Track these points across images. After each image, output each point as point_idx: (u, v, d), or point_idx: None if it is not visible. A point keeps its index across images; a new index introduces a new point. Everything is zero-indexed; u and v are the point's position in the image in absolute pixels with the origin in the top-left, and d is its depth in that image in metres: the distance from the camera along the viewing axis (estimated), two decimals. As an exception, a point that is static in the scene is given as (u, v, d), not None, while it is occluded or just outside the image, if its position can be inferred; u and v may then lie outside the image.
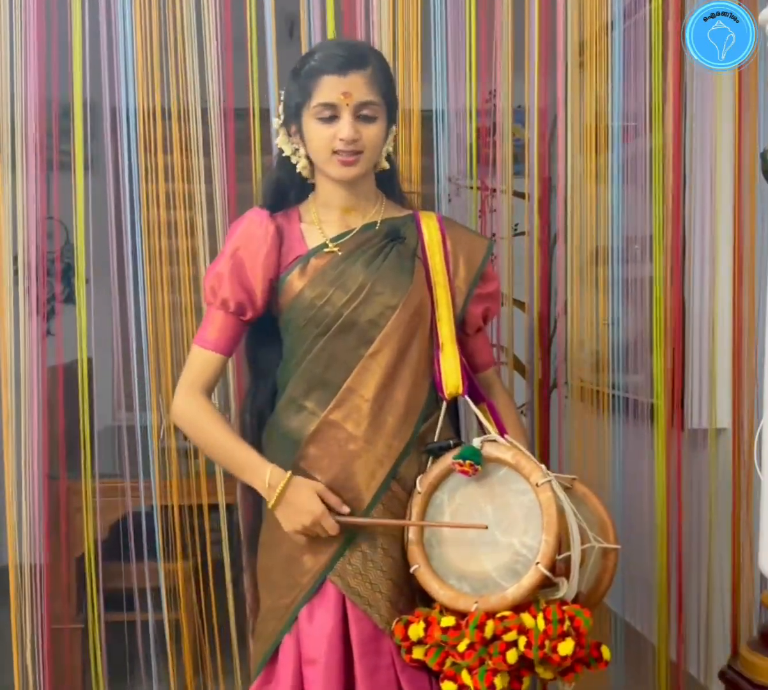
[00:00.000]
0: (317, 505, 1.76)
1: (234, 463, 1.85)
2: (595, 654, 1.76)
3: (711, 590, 2.61)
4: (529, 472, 1.75)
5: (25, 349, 2.35)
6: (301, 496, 1.77)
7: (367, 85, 1.81)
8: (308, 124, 1.83)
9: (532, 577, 1.69)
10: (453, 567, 1.78)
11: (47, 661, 2.43)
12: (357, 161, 1.82)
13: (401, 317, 1.85)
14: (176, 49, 2.34)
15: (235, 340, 1.92)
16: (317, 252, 1.88)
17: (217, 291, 1.87)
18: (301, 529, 1.78)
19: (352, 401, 1.83)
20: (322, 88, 1.80)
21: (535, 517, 1.72)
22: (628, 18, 2.56)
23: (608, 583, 1.83)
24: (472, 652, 1.68)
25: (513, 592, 1.70)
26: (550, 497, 1.71)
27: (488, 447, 1.80)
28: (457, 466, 1.77)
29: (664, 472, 2.56)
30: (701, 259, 2.60)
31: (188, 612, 2.57)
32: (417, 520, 1.81)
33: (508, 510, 1.76)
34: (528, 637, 1.66)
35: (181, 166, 2.39)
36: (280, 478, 1.78)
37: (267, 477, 1.79)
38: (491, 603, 1.70)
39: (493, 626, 1.67)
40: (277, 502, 1.78)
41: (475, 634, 1.67)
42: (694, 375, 2.61)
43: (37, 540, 2.39)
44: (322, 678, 1.77)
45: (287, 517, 1.79)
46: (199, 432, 1.88)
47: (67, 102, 2.36)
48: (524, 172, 2.55)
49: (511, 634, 1.66)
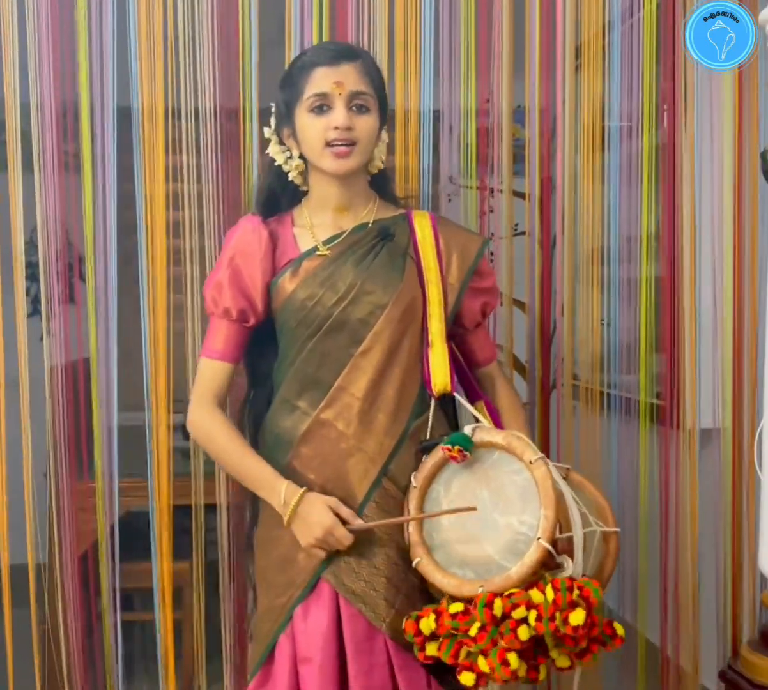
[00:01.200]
0: (327, 517, 1.77)
1: (249, 479, 1.86)
2: (609, 631, 1.75)
3: (709, 590, 2.61)
4: (522, 452, 1.76)
5: (25, 349, 2.35)
6: (313, 510, 1.78)
7: (358, 76, 1.83)
8: (301, 118, 1.84)
9: (534, 553, 1.69)
10: (455, 555, 1.78)
11: (47, 661, 2.43)
12: (351, 153, 1.83)
13: (391, 315, 1.85)
14: (176, 49, 2.34)
15: (241, 347, 1.93)
16: (308, 255, 1.89)
17: (218, 300, 1.89)
18: (314, 543, 1.78)
19: (342, 400, 1.84)
20: (314, 79, 1.82)
21: (531, 495, 1.73)
22: (629, 17, 2.56)
23: (611, 567, 1.84)
24: (485, 634, 1.67)
25: (517, 570, 1.70)
26: (545, 472, 1.72)
27: (479, 432, 1.81)
28: (446, 451, 1.78)
29: (646, 470, 2.58)
30: (702, 259, 2.60)
31: (188, 612, 2.57)
32: (415, 514, 1.80)
33: (504, 491, 1.77)
34: (538, 611, 1.65)
35: (181, 165, 2.39)
36: (294, 494, 1.79)
37: (282, 493, 1.79)
38: (496, 584, 1.70)
39: (501, 604, 1.66)
40: (292, 519, 1.79)
41: (485, 614, 1.66)
42: (694, 375, 2.61)
43: (38, 540, 2.39)
44: (317, 676, 1.78)
45: (302, 532, 1.79)
46: (213, 445, 1.89)
47: (69, 102, 2.36)
48: (524, 171, 2.55)
49: (520, 610, 1.65)
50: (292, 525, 1.80)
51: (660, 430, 2.60)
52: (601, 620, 1.73)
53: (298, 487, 1.80)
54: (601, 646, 1.75)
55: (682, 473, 2.57)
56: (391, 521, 1.81)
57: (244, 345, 1.94)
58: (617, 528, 1.83)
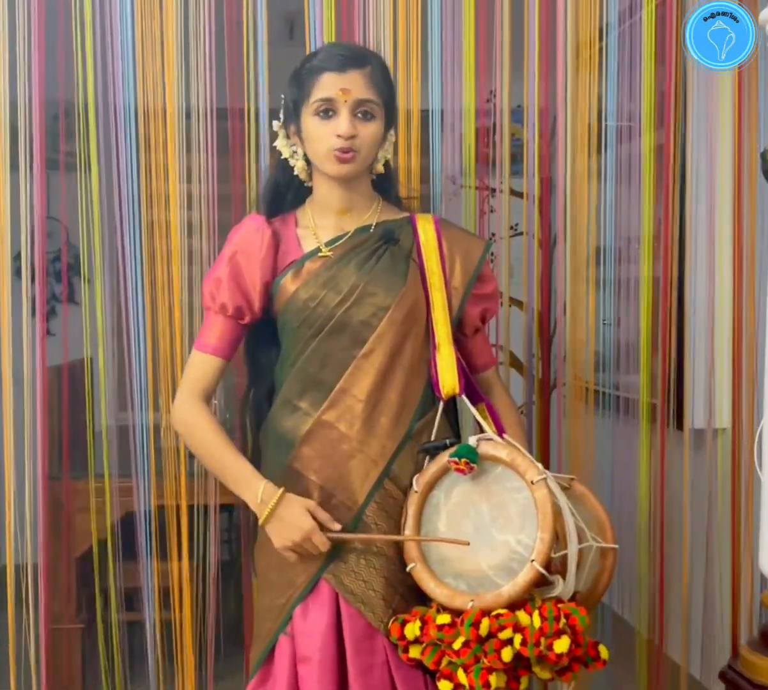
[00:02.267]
0: (307, 521, 1.77)
1: (228, 474, 1.85)
2: (593, 653, 1.76)
3: (709, 590, 2.61)
4: (525, 470, 1.75)
5: (25, 349, 2.35)
6: (292, 513, 1.78)
7: (365, 84, 1.82)
8: (307, 120, 1.85)
9: (527, 574, 1.69)
10: (449, 566, 1.78)
11: (47, 661, 2.43)
12: (353, 158, 1.83)
13: (394, 318, 1.85)
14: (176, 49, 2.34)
15: (234, 344, 1.93)
16: (311, 256, 1.89)
17: (215, 296, 1.89)
18: (291, 545, 1.78)
19: (345, 402, 1.84)
20: (321, 84, 1.82)
21: (530, 515, 1.72)
22: (629, 17, 2.56)
23: (606, 583, 1.83)
24: (467, 649, 1.68)
25: (508, 589, 1.70)
26: (546, 494, 1.71)
27: (484, 445, 1.81)
28: (453, 464, 1.78)
29: (645, 470, 2.58)
30: (701, 259, 2.60)
31: (189, 612, 2.57)
32: (412, 522, 1.81)
33: (504, 508, 1.76)
34: (523, 635, 1.66)
35: (179, 165, 2.39)
36: (273, 494, 1.79)
37: (260, 492, 1.79)
38: (487, 601, 1.71)
39: (488, 624, 1.67)
40: (268, 518, 1.79)
41: (471, 632, 1.67)
42: (694, 375, 2.61)
43: (38, 540, 2.39)
44: (316, 676, 1.78)
45: (278, 533, 1.79)
46: (194, 440, 1.89)
47: (69, 101, 2.36)
48: (523, 171, 2.56)
49: (506, 632, 1.66)
50: (267, 525, 1.80)
51: (660, 430, 2.60)
52: (586, 641, 1.73)
53: (276, 488, 1.80)
54: (583, 666, 1.75)
55: (681, 473, 2.58)
56: (369, 538, 1.80)
57: (238, 342, 1.94)
58: (615, 544, 1.82)
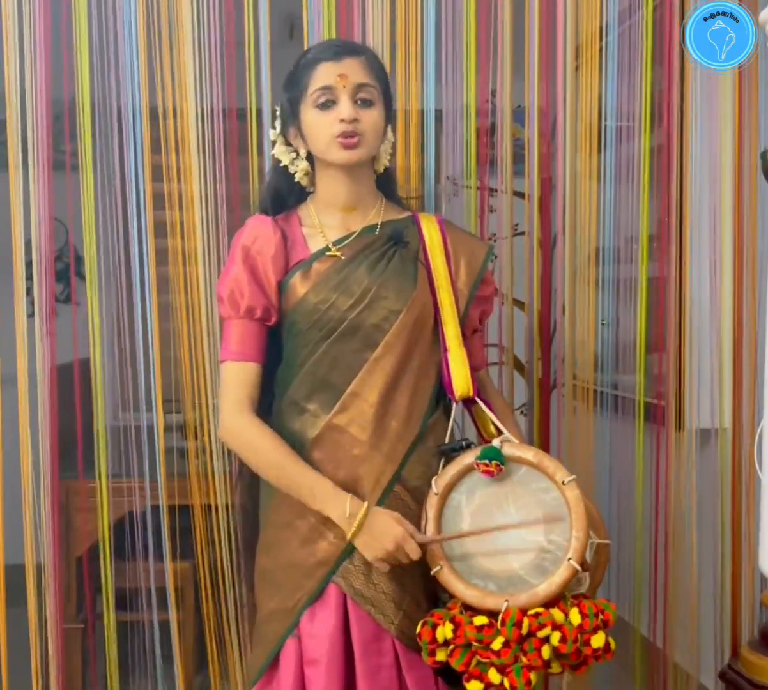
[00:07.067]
0: (398, 528, 1.75)
1: (303, 490, 1.79)
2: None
3: (709, 590, 2.61)
4: (554, 471, 1.78)
5: (25, 350, 2.35)
6: (382, 523, 1.76)
7: (362, 69, 1.83)
8: (307, 114, 1.84)
9: (564, 572, 1.73)
10: (477, 567, 1.78)
11: (50, 661, 2.43)
12: (358, 143, 1.82)
13: (405, 322, 1.85)
14: (175, 48, 2.34)
15: (264, 348, 1.88)
16: (319, 256, 1.87)
17: (239, 300, 1.85)
18: (383, 555, 1.75)
19: (356, 406, 1.82)
20: (318, 74, 1.82)
21: (560, 515, 1.76)
22: (629, 17, 2.56)
23: (600, 579, 1.87)
24: (508, 650, 1.69)
25: (545, 588, 1.73)
26: (578, 495, 1.75)
27: (508, 447, 1.82)
28: (483, 466, 1.78)
29: (645, 470, 2.59)
30: (702, 259, 2.60)
31: (189, 612, 2.57)
32: (433, 524, 1.79)
33: (532, 509, 1.78)
34: (561, 632, 1.70)
35: (179, 165, 2.39)
36: (360, 507, 1.76)
37: (347, 507, 1.76)
38: (522, 600, 1.73)
39: (528, 623, 1.70)
40: (357, 532, 1.76)
41: (513, 632, 1.69)
42: (694, 375, 2.61)
43: (45, 540, 2.39)
44: (323, 678, 1.78)
45: (369, 545, 1.76)
46: (255, 455, 1.83)
47: (72, 101, 2.36)
48: (524, 172, 2.55)
49: (545, 630, 1.70)
50: (355, 539, 1.76)
51: (659, 430, 2.60)
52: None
53: (361, 501, 1.77)
54: (595, 659, 1.77)
55: (681, 473, 2.58)
56: (455, 537, 1.79)
57: (265, 345, 1.89)
58: (608, 540, 1.87)
